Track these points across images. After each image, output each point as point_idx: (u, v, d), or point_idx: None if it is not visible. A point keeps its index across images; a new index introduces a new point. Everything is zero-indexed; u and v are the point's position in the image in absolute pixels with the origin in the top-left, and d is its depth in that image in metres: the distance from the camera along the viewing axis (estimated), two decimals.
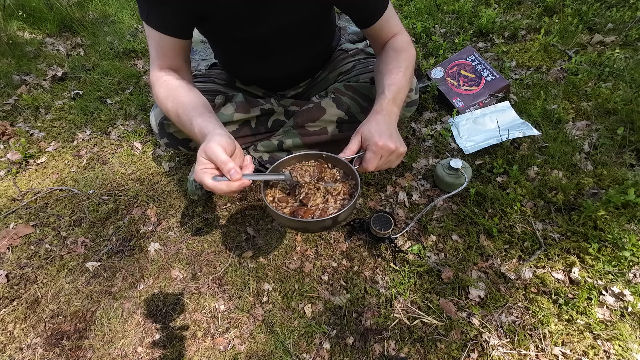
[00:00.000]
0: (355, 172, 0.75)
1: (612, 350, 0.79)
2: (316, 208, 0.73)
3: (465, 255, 0.99)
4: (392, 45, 0.87)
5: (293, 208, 0.74)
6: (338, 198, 0.75)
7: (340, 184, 0.78)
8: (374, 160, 0.72)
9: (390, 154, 0.73)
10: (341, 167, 0.81)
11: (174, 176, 1.33)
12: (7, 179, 1.40)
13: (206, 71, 1.17)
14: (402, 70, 0.82)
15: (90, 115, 1.65)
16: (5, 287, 1.07)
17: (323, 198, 0.75)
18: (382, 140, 0.71)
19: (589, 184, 1.07)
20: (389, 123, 0.75)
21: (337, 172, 0.81)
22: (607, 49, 1.52)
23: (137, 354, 0.91)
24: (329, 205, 0.74)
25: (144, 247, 1.12)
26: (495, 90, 1.35)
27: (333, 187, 0.77)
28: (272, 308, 0.96)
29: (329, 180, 0.79)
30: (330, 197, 0.75)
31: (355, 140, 0.75)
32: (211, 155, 0.61)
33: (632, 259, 0.90)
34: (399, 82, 0.80)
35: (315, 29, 0.97)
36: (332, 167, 0.82)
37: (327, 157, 0.80)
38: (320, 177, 0.79)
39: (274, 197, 0.76)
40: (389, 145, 0.71)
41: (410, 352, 0.85)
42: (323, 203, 0.75)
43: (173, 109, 0.77)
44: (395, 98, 0.79)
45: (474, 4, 1.97)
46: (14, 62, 2.05)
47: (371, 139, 0.72)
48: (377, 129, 0.73)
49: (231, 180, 0.60)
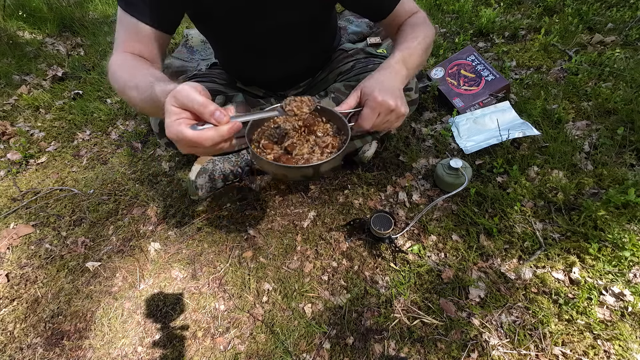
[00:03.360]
0: (347, 125, 0.70)
1: (612, 350, 0.79)
2: (300, 157, 0.70)
3: (465, 255, 0.99)
4: (409, 22, 0.83)
5: (277, 155, 0.70)
6: (325, 151, 0.71)
7: (331, 137, 0.73)
8: (372, 116, 0.68)
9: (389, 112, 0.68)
10: (335, 121, 0.76)
11: (174, 176, 1.33)
12: (7, 179, 1.40)
13: (206, 71, 1.17)
14: (418, 39, 0.77)
15: (90, 115, 1.65)
16: (6, 287, 1.07)
17: (310, 149, 0.72)
18: (382, 96, 0.66)
19: (589, 184, 1.07)
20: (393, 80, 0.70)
21: (330, 127, 0.76)
22: (608, 48, 1.52)
23: (137, 353, 0.91)
24: (314, 157, 0.70)
25: (144, 247, 1.12)
26: (495, 90, 1.35)
27: (322, 140, 0.73)
28: (272, 308, 0.96)
29: (321, 134, 0.75)
30: (317, 148, 0.72)
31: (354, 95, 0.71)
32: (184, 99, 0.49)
33: (632, 259, 0.90)
34: (413, 47, 0.76)
35: (316, 28, 0.96)
36: (326, 120, 0.77)
37: (322, 109, 0.75)
38: (311, 130, 0.75)
39: (259, 142, 0.73)
40: (389, 102, 0.66)
41: (410, 352, 0.85)
42: (308, 154, 0.71)
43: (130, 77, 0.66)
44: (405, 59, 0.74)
45: (474, 3, 1.97)
46: (14, 62, 2.05)
47: (370, 94, 0.67)
48: (378, 85, 0.68)
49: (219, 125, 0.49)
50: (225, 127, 0.49)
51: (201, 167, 1.15)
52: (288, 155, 0.70)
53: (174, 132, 0.49)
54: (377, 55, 1.11)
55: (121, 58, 0.71)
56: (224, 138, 0.50)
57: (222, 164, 1.17)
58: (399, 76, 0.73)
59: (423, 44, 0.79)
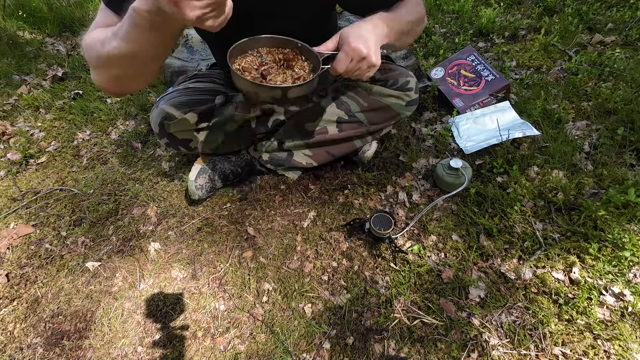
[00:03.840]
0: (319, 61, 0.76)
1: (612, 350, 0.79)
2: (273, 83, 0.77)
3: (465, 255, 0.99)
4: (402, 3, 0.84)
5: (252, 78, 0.76)
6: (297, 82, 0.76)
7: (305, 73, 0.80)
8: (345, 61, 0.71)
9: (361, 59, 0.71)
10: (312, 60, 0.82)
11: (174, 176, 1.33)
12: (7, 179, 1.40)
13: (206, 71, 1.17)
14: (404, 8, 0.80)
15: (90, 115, 1.65)
16: (6, 287, 1.07)
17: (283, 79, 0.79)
18: (356, 42, 0.70)
19: (589, 184, 1.07)
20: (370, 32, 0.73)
21: (307, 65, 0.82)
22: (608, 48, 1.52)
23: (137, 353, 0.91)
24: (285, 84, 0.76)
25: (144, 247, 1.12)
26: (495, 90, 1.35)
27: (296, 73, 0.80)
28: (272, 308, 0.96)
29: (298, 69, 0.81)
30: (290, 79, 0.79)
31: (334, 39, 0.75)
32: None
33: (632, 259, 0.90)
34: (398, 13, 0.79)
35: (316, 29, 0.96)
36: (305, 59, 0.83)
37: (301, 47, 0.81)
38: (290, 65, 0.81)
39: (240, 65, 0.79)
40: (361, 49, 0.70)
41: (410, 352, 0.85)
42: (282, 82, 0.78)
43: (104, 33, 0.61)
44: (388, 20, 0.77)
45: (474, 3, 1.97)
46: (14, 62, 2.05)
47: (346, 40, 0.71)
48: (355, 33, 0.72)
49: None
50: None
51: (201, 167, 1.15)
52: (262, 79, 0.77)
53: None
54: None
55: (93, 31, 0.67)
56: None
57: (222, 164, 1.17)
58: (378, 30, 0.75)
59: (409, 16, 0.81)
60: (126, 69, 0.64)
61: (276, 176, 1.26)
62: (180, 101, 1.01)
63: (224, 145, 1.13)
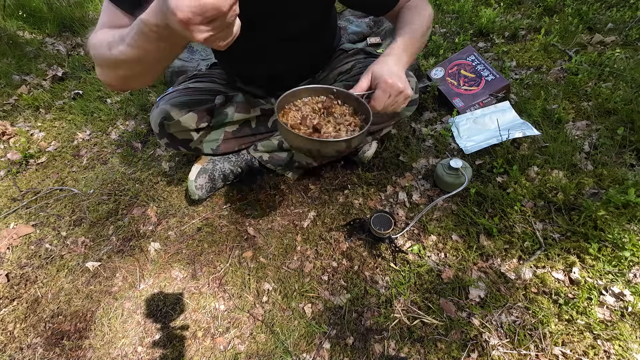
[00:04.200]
0: (366, 104, 0.77)
1: (612, 350, 0.79)
2: (328, 135, 0.75)
3: (465, 255, 0.99)
4: (407, 6, 0.87)
5: (307, 133, 0.75)
6: (349, 128, 0.78)
7: (351, 117, 0.80)
8: (383, 97, 0.75)
9: (398, 94, 0.75)
10: (351, 103, 0.82)
11: (174, 176, 1.33)
12: (7, 179, 1.40)
13: (206, 71, 1.17)
14: (415, 24, 0.82)
15: (90, 115, 1.65)
16: (6, 287, 1.07)
17: (334, 128, 0.78)
18: (392, 79, 0.73)
19: (589, 184, 1.07)
20: (397, 65, 0.77)
21: (347, 109, 0.82)
22: (608, 48, 1.52)
23: (137, 353, 0.91)
24: (341, 134, 0.76)
25: (144, 247, 1.12)
26: (495, 90, 1.35)
27: (345, 119, 0.80)
28: (272, 308, 0.96)
29: (339, 116, 0.81)
30: (342, 127, 0.78)
31: (366, 79, 0.77)
32: None
33: (632, 259, 0.90)
34: (411, 34, 0.81)
35: (316, 28, 0.97)
36: (342, 103, 0.83)
37: (337, 93, 0.82)
38: (330, 112, 0.81)
39: (287, 123, 0.77)
40: (398, 84, 0.74)
41: (410, 352, 0.85)
42: (335, 132, 0.77)
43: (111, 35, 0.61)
44: (406, 47, 0.80)
45: (474, 4, 1.97)
46: (14, 62, 2.05)
47: (381, 77, 0.74)
48: (387, 69, 0.75)
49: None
50: None
51: (201, 167, 1.15)
52: (317, 133, 0.75)
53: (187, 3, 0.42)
54: (377, 55, 1.11)
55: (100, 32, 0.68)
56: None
57: (222, 163, 1.17)
58: (402, 62, 0.79)
59: (421, 29, 0.83)
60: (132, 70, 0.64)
61: (276, 176, 1.26)
62: (180, 101, 1.01)
63: (224, 145, 1.13)
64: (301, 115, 0.79)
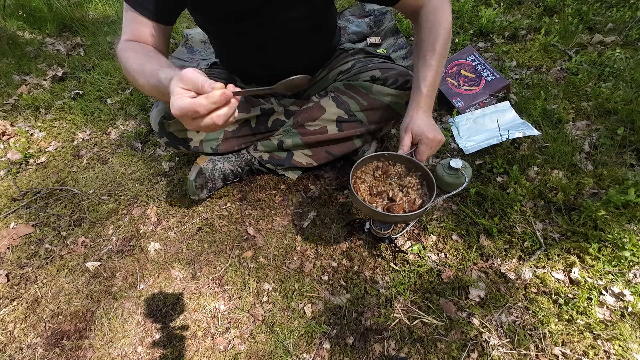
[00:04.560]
0: (420, 164, 0.85)
1: (612, 350, 0.79)
2: (402, 202, 0.83)
3: (465, 255, 0.99)
4: (426, 19, 0.86)
5: (384, 205, 0.83)
6: (414, 189, 0.86)
7: (409, 176, 0.88)
8: (427, 151, 0.84)
9: (438, 144, 0.85)
10: (402, 162, 0.90)
11: (174, 176, 1.33)
12: (7, 179, 1.40)
13: (206, 71, 1.17)
14: (435, 53, 0.84)
15: (90, 115, 1.65)
16: (5, 287, 1.07)
17: (401, 191, 0.85)
18: (432, 133, 0.82)
19: (589, 184, 1.07)
20: (429, 116, 0.86)
21: (400, 167, 0.90)
22: (608, 48, 1.52)
23: (137, 353, 0.91)
24: (412, 197, 0.84)
25: (144, 247, 1.12)
26: (495, 90, 1.35)
27: (407, 180, 0.87)
28: (272, 308, 0.96)
29: (394, 176, 0.89)
30: (408, 190, 0.86)
31: (408, 137, 0.84)
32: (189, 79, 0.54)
33: (632, 259, 0.90)
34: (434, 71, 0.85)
35: (317, 24, 0.96)
36: (393, 164, 0.91)
37: (388, 156, 0.90)
38: (388, 175, 0.89)
39: (364, 199, 0.84)
40: (438, 137, 0.83)
41: (410, 352, 0.85)
42: (405, 195, 0.84)
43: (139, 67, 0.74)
44: (430, 92, 0.85)
45: (474, 4, 1.97)
46: (14, 62, 2.05)
47: (423, 134, 0.82)
48: (426, 125, 0.83)
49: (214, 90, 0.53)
50: (218, 92, 0.52)
51: (201, 167, 1.15)
52: (393, 203, 0.83)
53: (177, 106, 0.53)
54: (377, 55, 1.11)
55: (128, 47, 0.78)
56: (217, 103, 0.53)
57: (222, 163, 1.17)
58: (430, 110, 0.87)
59: (441, 56, 0.85)
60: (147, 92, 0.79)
61: (276, 176, 1.26)
62: None
63: (224, 144, 1.13)
64: (368, 186, 0.86)
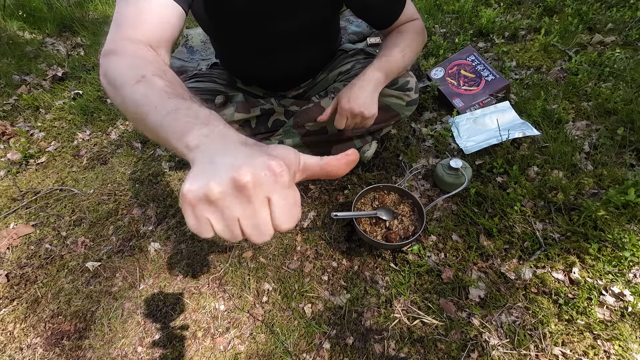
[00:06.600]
0: (407, 191, 1.00)
1: (612, 350, 0.79)
2: (398, 230, 0.95)
3: (465, 255, 0.99)
4: (399, 29, 0.88)
5: (382, 233, 0.96)
6: (407, 217, 0.98)
7: (401, 205, 1.01)
8: (341, 120, 0.83)
9: (355, 116, 0.81)
10: (396, 191, 1.03)
11: (174, 176, 1.33)
12: (7, 179, 1.40)
13: (206, 71, 1.17)
14: (398, 47, 0.85)
15: (90, 115, 1.65)
16: (5, 287, 1.07)
17: (397, 220, 0.98)
18: (347, 104, 0.80)
19: (589, 184, 1.07)
20: (363, 88, 0.81)
21: (394, 196, 1.03)
22: (608, 49, 1.52)
23: (137, 353, 0.91)
24: (405, 224, 0.97)
25: (144, 247, 1.12)
26: (495, 90, 1.35)
27: (401, 209, 1.00)
28: (272, 308, 0.96)
29: (391, 204, 1.01)
30: (402, 217, 0.98)
31: (333, 103, 0.85)
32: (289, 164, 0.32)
33: (632, 259, 0.90)
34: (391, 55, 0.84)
35: (319, 32, 0.97)
36: (388, 192, 1.04)
37: (383, 187, 1.04)
38: (383, 203, 1.01)
39: (365, 229, 0.97)
40: (353, 108, 0.80)
41: (410, 352, 0.85)
42: (399, 223, 0.97)
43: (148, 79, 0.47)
44: (381, 66, 0.83)
45: (474, 4, 1.97)
46: (14, 62, 2.05)
47: (339, 102, 0.82)
48: (347, 93, 0.81)
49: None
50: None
51: None
52: (390, 231, 0.95)
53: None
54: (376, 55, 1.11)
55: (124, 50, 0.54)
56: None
57: None
58: (372, 81, 0.82)
59: (404, 52, 0.85)
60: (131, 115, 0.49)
61: None
62: None
63: None
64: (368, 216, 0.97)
